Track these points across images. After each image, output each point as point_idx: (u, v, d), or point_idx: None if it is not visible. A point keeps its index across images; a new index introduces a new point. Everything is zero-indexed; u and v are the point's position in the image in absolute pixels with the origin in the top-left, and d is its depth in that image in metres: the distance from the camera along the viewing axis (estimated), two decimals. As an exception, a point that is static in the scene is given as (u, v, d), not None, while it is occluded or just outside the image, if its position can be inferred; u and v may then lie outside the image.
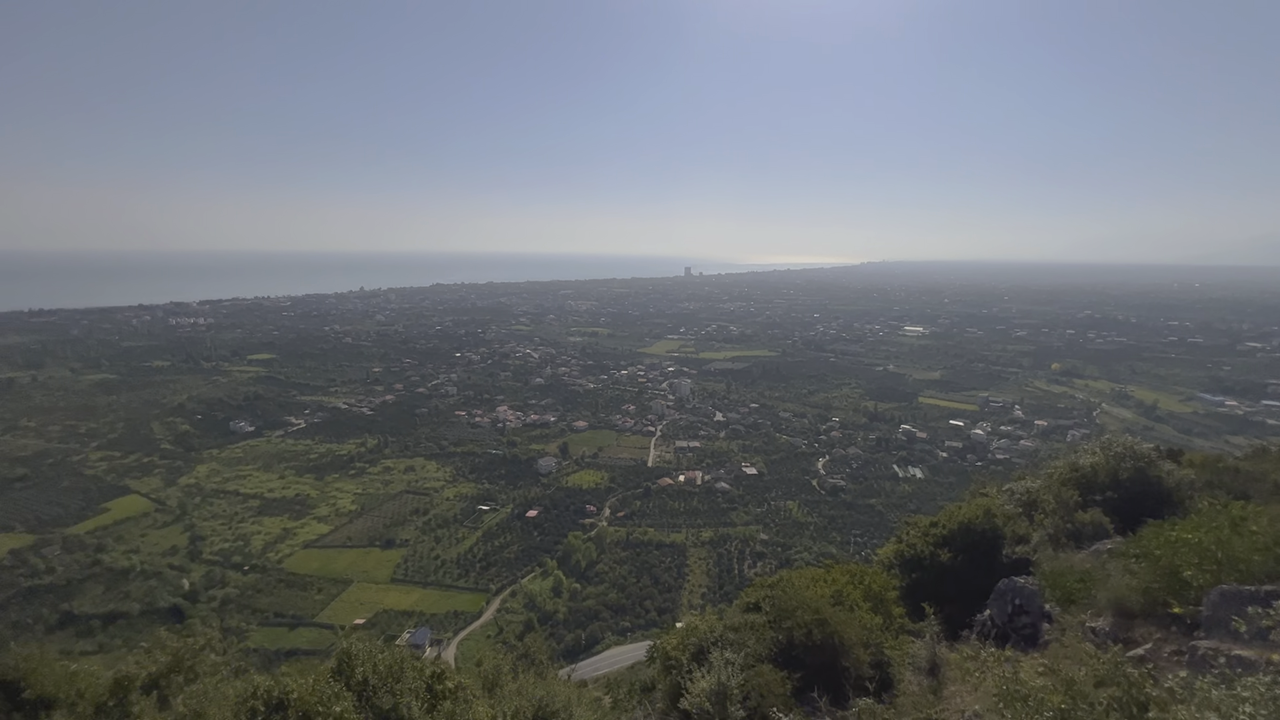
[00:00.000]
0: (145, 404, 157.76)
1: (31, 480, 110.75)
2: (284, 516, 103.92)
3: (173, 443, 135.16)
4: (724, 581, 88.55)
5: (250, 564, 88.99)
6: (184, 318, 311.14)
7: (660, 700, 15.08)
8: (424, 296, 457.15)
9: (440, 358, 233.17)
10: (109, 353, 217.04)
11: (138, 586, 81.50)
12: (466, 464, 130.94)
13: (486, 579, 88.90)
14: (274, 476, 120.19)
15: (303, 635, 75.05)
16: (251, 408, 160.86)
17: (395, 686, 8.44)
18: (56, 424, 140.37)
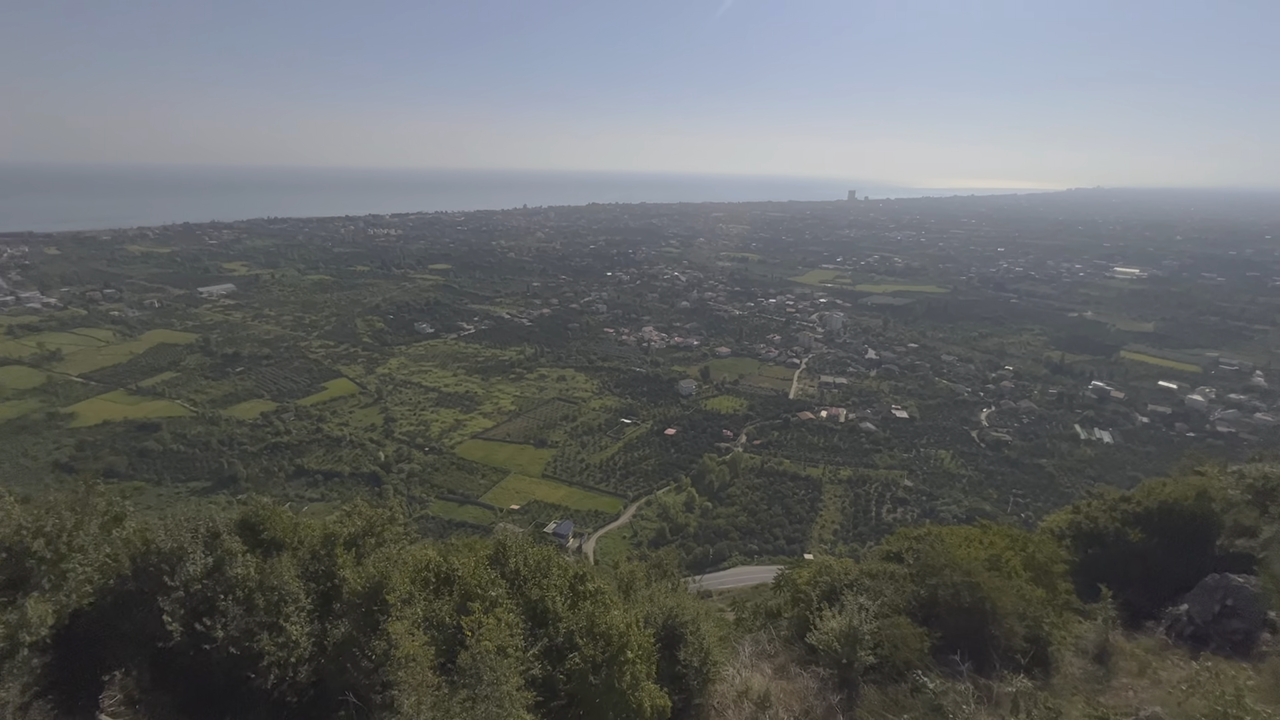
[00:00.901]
0: (351, 303, 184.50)
1: (273, 359, 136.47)
2: (456, 409, 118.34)
3: (371, 337, 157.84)
4: (858, 522, 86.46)
5: (429, 446, 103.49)
6: (379, 229, 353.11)
7: (786, 629, 15.17)
8: (580, 216, 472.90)
9: (592, 276, 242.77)
10: (324, 257, 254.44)
11: (347, 453, 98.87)
12: (612, 379, 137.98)
13: (625, 486, 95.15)
14: (448, 374, 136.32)
15: (469, 511, 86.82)
16: (431, 312, 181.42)
17: (543, 581, 9.24)
18: (289, 315, 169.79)
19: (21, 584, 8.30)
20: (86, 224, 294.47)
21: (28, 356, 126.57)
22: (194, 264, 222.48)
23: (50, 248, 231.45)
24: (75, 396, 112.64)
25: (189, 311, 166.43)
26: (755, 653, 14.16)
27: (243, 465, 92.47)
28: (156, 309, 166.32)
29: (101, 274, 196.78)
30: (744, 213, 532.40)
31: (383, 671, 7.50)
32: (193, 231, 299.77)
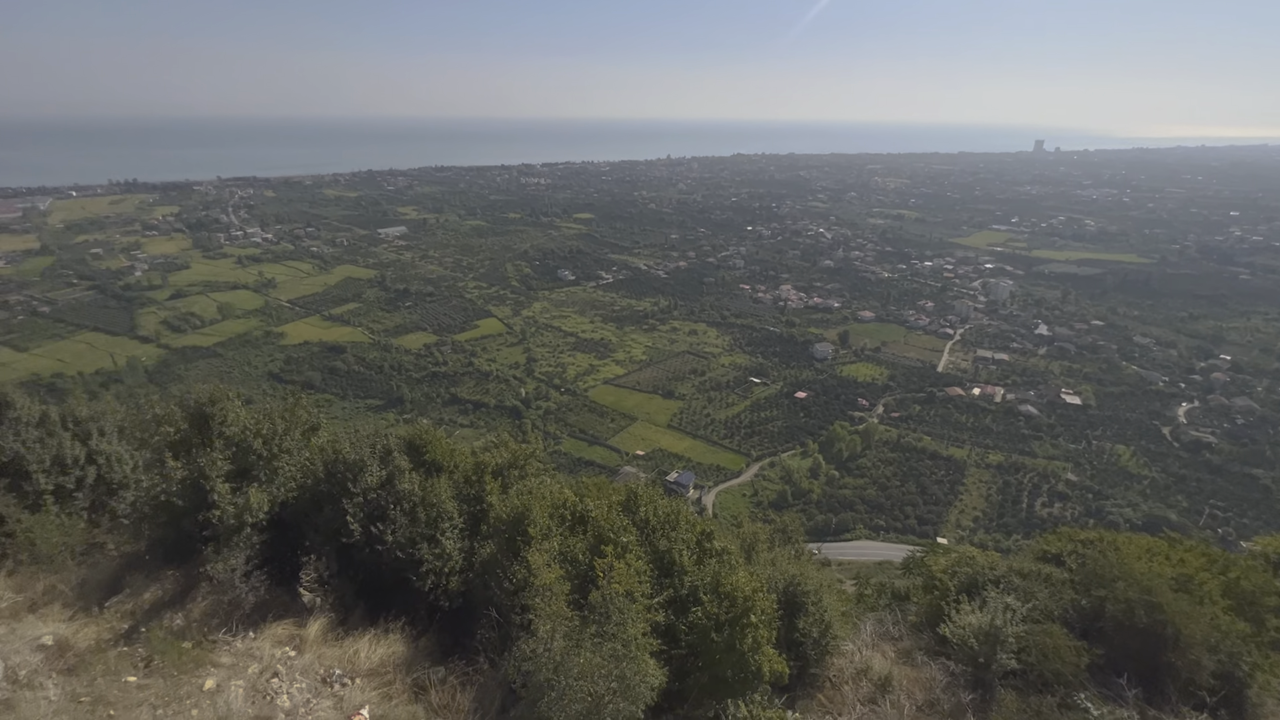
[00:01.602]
0: (502, 248, 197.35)
1: (435, 297, 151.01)
2: (591, 355, 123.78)
3: (519, 281, 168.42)
4: (1004, 512, 79.00)
5: (565, 387, 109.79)
6: (530, 178, 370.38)
7: (914, 614, 14.36)
8: (723, 167, 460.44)
9: (732, 230, 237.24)
10: (481, 204, 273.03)
11: (494, 386, 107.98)
12: (744, 336, 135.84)
13: (749, 445, 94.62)
14: (586, 320, 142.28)
15: (597, 452, 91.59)
16: (573, 260, 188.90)
17: (671, 533, 9.42)
18: (449, 257, 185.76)
19: (245, 475, 10.02)
20: (294, 170, 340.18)
21: (251, 283, 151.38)
22: (374, 208, 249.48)
23: (268, 190, 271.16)
24: (284, 319, 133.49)
25: (370, 250, 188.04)
26: (878, 633, 13.59)
27: (408, 389, 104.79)
28: (345, 247, 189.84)
29: (304, 214, 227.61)
30: (904, 165, 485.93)
31: (522, 595, 8.17)
32: (374, 178, 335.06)
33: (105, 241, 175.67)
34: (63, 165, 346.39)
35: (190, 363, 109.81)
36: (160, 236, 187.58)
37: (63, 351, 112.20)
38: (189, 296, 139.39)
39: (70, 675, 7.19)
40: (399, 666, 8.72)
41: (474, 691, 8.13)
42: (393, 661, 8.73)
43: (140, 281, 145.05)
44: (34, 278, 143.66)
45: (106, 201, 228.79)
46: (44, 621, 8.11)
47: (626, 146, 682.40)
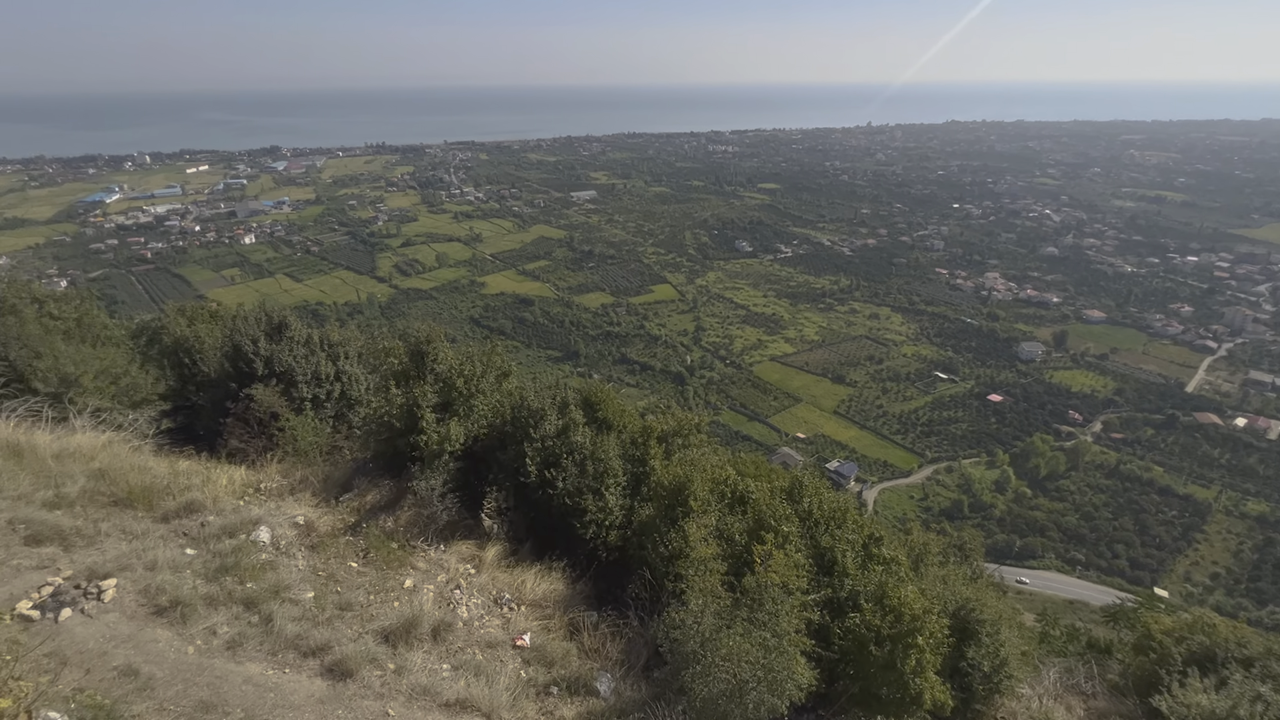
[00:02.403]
0: (683, 215, 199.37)
1: (616, 259, 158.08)
2: (760, 330, 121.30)
3: (695, 250, 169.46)
4: (1260, 576, 63.64)
5: (730, 360, 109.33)
6: (718, 145, 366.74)
7: (1117, 674, 12.26)
8: (933, 135, 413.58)
9: (934, 206, 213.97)
10: (667, 171, 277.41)
11: (661, 351, 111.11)
12: (934, 325, 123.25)
13: (924, 445, 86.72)
14: (759, 294, 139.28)
15: (755, 428, 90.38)
16: (753, 231, 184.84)
17: (835, 531, 8.87)
18: (632, 222, 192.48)
19: (448, 408, 11.35)
20: (505, 135, 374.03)
21: (463, 236, 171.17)
22: (569, 172, 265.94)
23: (482, 154, 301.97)
24: (486, 270, 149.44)
25: (562, 212, 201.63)
26: (1064, 683, 11.80)
27: (583, 345, 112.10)
28: (541, 208, 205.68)
29: (510, 176, 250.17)
30: (1175, 135, 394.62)
31: (676, 563, 8.30)
32: (572, 143, 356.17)
33: (359, 195, 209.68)
34: (335, 129, 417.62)
35: (412, 302, 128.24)
36: (398, 192, 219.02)
37: (324, 284, 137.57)
38: (415, 245, 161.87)
39: (313, 551, 8.83)
40: (558, 603, 9.40)
41: (622, 644, 8.50)
42: (553, 598, 9.44)
43: (381, 230, 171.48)
44: (309, 222, 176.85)
45: (362, 161, 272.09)
46: (298, 504, 10.04)
47: (822, 113, 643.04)
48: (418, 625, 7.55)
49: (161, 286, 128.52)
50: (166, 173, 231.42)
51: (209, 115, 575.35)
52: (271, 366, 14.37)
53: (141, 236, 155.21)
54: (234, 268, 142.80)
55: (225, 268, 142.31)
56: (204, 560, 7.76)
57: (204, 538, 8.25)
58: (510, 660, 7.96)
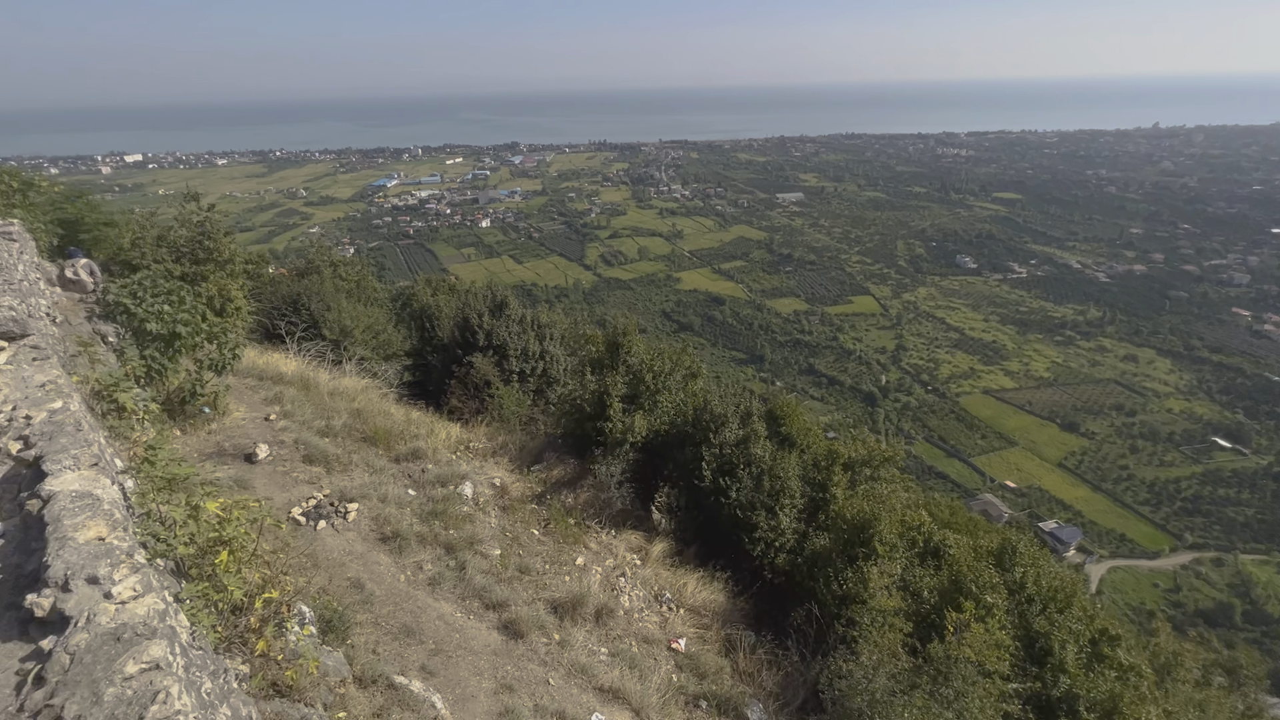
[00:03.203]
0: (896, 224, 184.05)
1: (815, 265, 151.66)
2: (975, 357, 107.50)
3: (907, 262, 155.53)
4: None
5: (933, 386, 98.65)
6: (949, 148, 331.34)
7: None
8: (1249, 140, 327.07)
9: (1240, 229, 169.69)
10: (885, 175, 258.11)
11: (853, 366, 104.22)
12: (1217, 378, 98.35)
13: (1183, 525, 69.92)
14: (978, 317, 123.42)
15: (953, 466, 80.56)
16: (980, 245, 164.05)
17: (1055, 615, 7.38)
18: (838, 228, 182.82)
19: (634, 400, 11.73)
20: (717, 135, 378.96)
21: (665, 231, 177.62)
22: (777, 173, 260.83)
23: (693, 153, 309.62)
24: (683, 266, 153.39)
25: (765, 213, 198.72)
26: None
27: (770, 350, 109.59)
28: (744, 208, 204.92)
29: (717, 175, 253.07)
30: None
31: (850, 606, 7.60)
32: (784, 144, 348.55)
33: (578, 188, 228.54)
34: (566, 127, 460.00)
35: (611, 291, 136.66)
36: (611, 187, 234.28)
37: (540, 268, 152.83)
38: (620, 238, 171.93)
39: (504, 513, 9.75)
40: (716, 615, 9.21)
41: (779, 675, 8.05)
42: (712, 608, 9.27)
43: (593, 222, 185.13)
44: (533, 211, 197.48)
45: (584, 157, 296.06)
46: (497, 467, 11.17)
47: (1088, 113, 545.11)
48: (583, 604, 7.91)
49: (417, 258, 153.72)
50: (431, 163, 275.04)
51: (468, 115, 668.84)
52: (490, 339, 16.20)
53: (407, 216, 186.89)
54: (470, 247, 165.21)
55: (464, 246, 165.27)
56: (420, 502, 8.97)
57: (423, 482, 9.55)
58: (664, 661, 7.97)
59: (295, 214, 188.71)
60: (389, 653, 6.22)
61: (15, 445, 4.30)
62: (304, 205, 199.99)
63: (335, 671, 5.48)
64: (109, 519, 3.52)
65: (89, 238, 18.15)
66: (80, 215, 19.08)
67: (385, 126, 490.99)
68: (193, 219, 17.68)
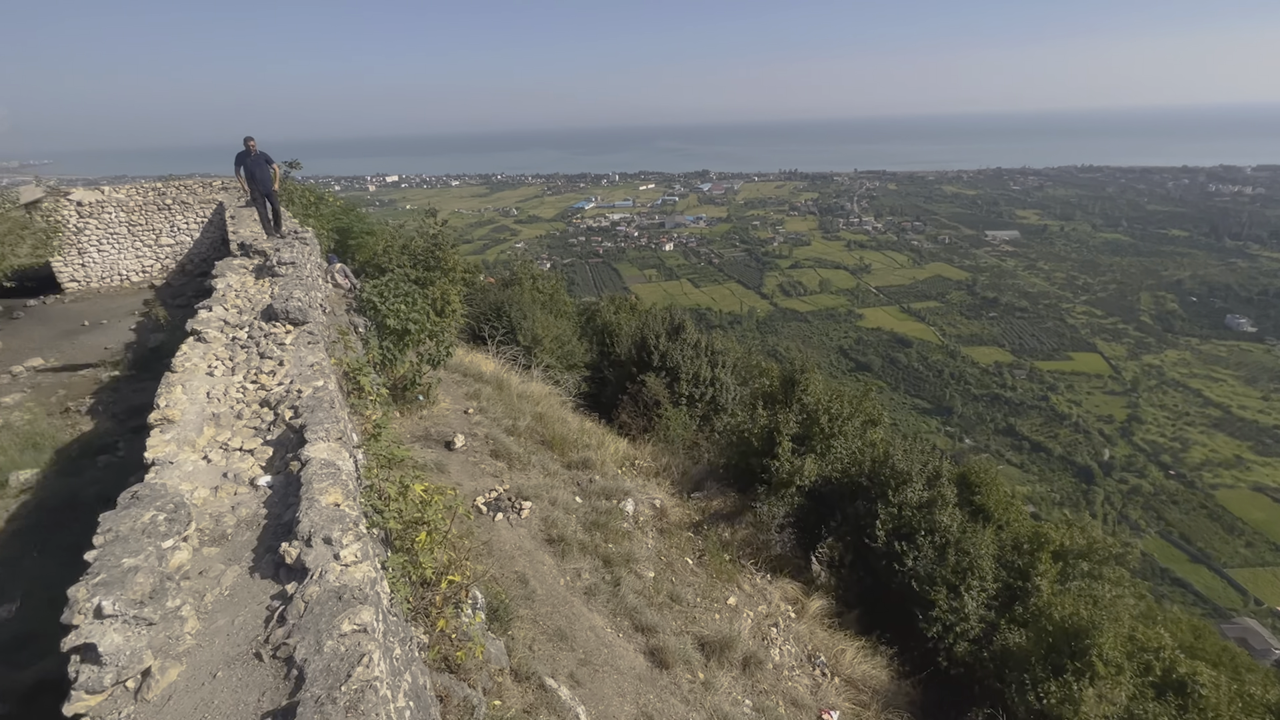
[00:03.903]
0: (1142, 272, 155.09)
1: (1027, 314, 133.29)
2: (1244, 444, 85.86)
3: (1152, 318, 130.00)
4: None
5: (1176, 471, 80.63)
6: (1227, 184, 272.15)
7: None
8: None
9: None
10: (1131, 214, 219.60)
11: (1065, 434, 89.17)
12: None
13: None
14: (1255, 393, 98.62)
15: (1199, 575, 64.79)
16: (1262, 304, 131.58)
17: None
18: (1061, 272, 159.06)
19: (805, 441, 11.13)
20: (922, 165, 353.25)
21: (850, 265, 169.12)
22: (989, 208, 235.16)
23: (891, 184, 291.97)
24: (866, 303, 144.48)
25: (969, 251, 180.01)
26: None
27: (960, 402, 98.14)
28: (944, 244, 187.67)
29: (916, 208, 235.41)
30: None
31: (1052, 730, 6.29)
32: (1001, 176, 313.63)
33: (763, 217, 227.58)
34: (758, 155, 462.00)
35: (786, 322, 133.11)
36: (797, 216, 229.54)
37: (716, 293, 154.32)
38: (802, 268, 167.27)
39: (661, 535, 9.79)
40: (877, 693, 8.28)
41: (947, 786, 6.97)
42: (872, 684, 8.36)
43: (774, 251, 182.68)
44: (716, 237, 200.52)
45: (773, 186, 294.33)
46: (659, 488, 11.29)
47: None
48: (732, 648, 7.58)
49: (603, 276, 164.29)
50: (625, 189, 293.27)
51: (664, 144, 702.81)
52: (664, 361, 16.57)
53: (599, 236, 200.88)
54: (653, 269, 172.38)
55: (647, 268, 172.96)
56: (585, 511, 9.35)
57: (589, 492, 9.97)
58: (812, 731, 7.33)
59: (506, 230, 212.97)
60: (543, 653, 6.49)
61: (288, 413, 5.25)
62: (514, 223, 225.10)
63: (496, 659, 5.84)
64: (344, 489, 4.10)
65: (355, 243, 22.02)
66: (350, 225, 23.22)
67: (590, 154, 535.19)
68: (429, 231, 20.67)
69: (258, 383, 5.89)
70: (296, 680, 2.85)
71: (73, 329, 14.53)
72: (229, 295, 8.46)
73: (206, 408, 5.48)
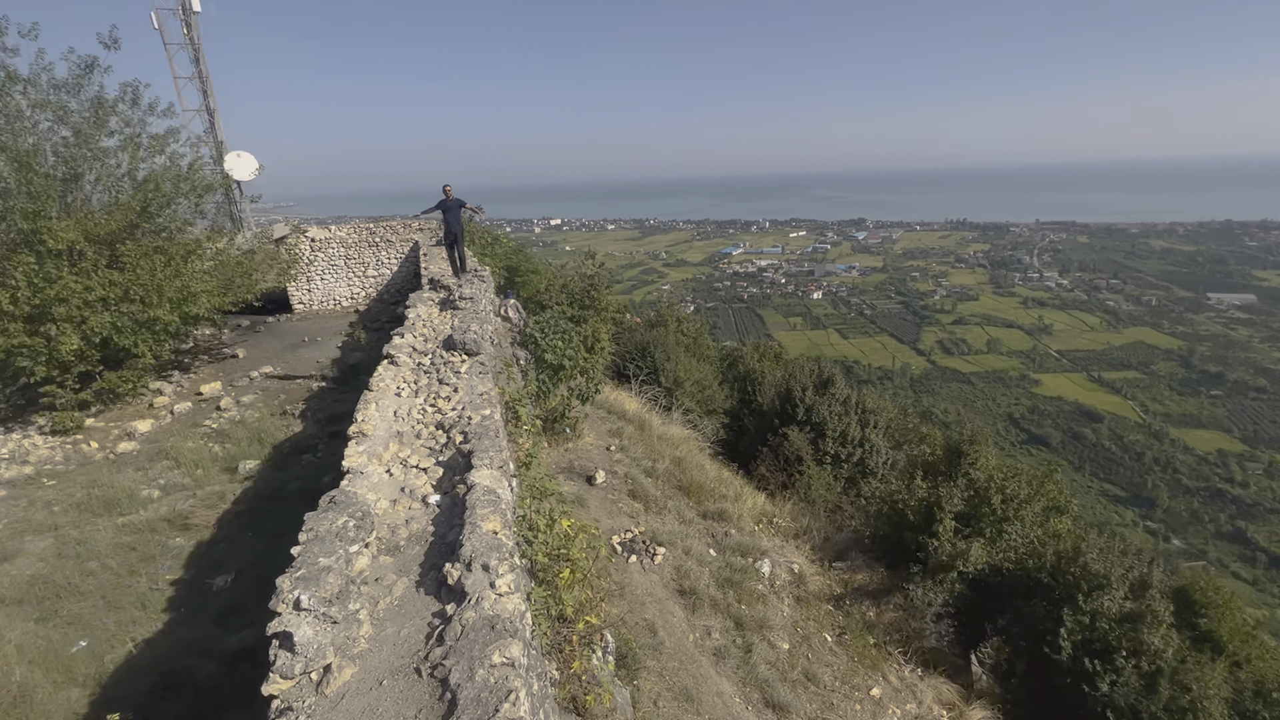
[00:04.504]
0: None
1: (1265, 395, 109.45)
2: None
3: None
4: None
5: None
6: None
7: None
8: None
9: None
10: None
11: (1321, 550, 70.69)
12: None
13: None
14: None
15: None
16: None
17: None
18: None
19: (971, 522, 9.88)
20: (1122, 217, 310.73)
21: (1027, 324, 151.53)
22: (1215, 266, 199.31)
23: (1082, 236, 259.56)
24: (1045, 368, 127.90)
25: (1184, 316, 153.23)
26: None
27: (1167, 494, 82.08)
28: (1150, 306, 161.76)
29: (1113, 264, 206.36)
30: None
31: None
32: (1231, 230, 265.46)
33: (923, 268, 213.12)
34: (921, 204, 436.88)
35: (945, 382, 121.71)
36: (964, 269, 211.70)
37: (865, 345, 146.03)
38: (967, 325, 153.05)
39: (798, 604, 9.14)
40: (1053, 842, 6.89)
41: None
42: (1048, 830, 6.97)
43: (935, 304, 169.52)
44: (868, 288, 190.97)
45: (937, 236, 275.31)
46: (798, 552, 10.62)
47: None
48: (874, 749, 6.77)
49: (746, 322, 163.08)
50: (775, 236, 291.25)
51: (819, 192, 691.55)
52: (810, 415, 15.82)
53: (745, 282, 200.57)
54: (798, 317, 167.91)
55: (792, 316, 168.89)
56: (719, 566, 9.03)
57: (724, 546, 9.63)
58: None
59: (654, 272, 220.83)
60: (668, 711, 6.25)
61: (459, 437, 5.70)
62: (661, 265, 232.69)
63: (621, 710, 5.72)
64: (503, 517, 4.31)
65: (521, 280, 23.97)
66: (518, 263, 25.34)
67: (741, 201, 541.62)
68: (586, 272, 21.91)
69: (435, 406, 6.49)
70: (449, 705, 2.96)
71: (295, 343, 17.30)
72: (417, 324, 9.54)
73: (393, 425, 6.13)
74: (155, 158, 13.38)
